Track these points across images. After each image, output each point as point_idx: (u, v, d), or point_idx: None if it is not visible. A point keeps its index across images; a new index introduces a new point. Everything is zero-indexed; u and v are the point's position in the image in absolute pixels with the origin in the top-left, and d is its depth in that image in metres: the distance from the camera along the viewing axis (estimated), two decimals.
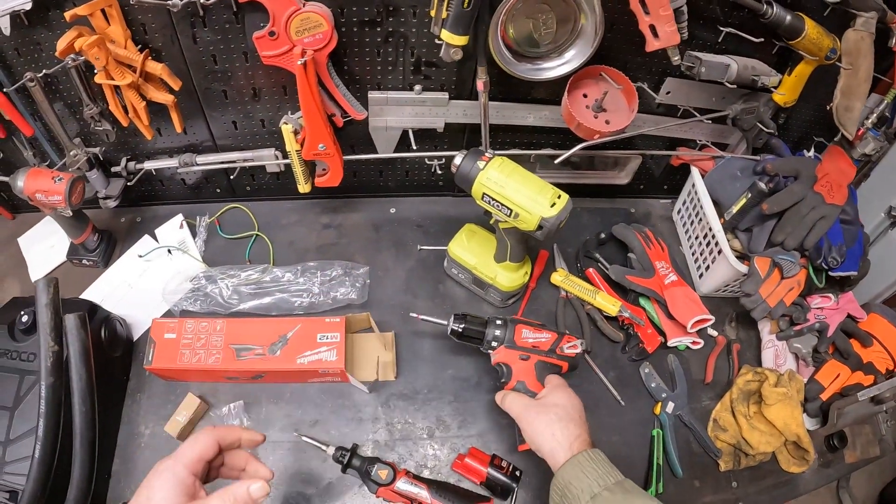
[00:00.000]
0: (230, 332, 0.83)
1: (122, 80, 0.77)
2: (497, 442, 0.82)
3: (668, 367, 0.91)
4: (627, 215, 1.07)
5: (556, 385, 0.72)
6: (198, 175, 0.98)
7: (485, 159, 0.75)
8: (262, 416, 0.84)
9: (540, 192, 0.73)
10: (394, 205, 1.03)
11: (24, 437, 0.77)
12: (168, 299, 0.90)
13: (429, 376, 0.86)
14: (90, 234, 0.94)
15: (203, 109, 0.86)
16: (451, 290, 0.95)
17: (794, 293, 0.90)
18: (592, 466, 0.60)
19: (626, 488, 0.59)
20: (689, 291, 0.93)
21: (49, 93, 0.83)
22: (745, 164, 0.95)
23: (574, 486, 0.59)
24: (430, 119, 0.86)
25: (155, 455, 0.82)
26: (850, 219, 0.94)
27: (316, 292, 0.88)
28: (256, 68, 0.80)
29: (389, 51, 0.79)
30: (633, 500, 0.57)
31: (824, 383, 0.92)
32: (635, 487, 0.60)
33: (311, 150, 0.83)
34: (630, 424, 0.87)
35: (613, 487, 0.58)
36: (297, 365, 0.80)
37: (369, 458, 0.78)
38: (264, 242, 0.98)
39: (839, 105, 0.89)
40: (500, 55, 0.76)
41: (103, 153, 0.93)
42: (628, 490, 0.59)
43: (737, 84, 0.85)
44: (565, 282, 0.93)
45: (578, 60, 0.78)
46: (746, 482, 0.87)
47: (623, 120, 0.84)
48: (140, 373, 0.88)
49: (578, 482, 0.59)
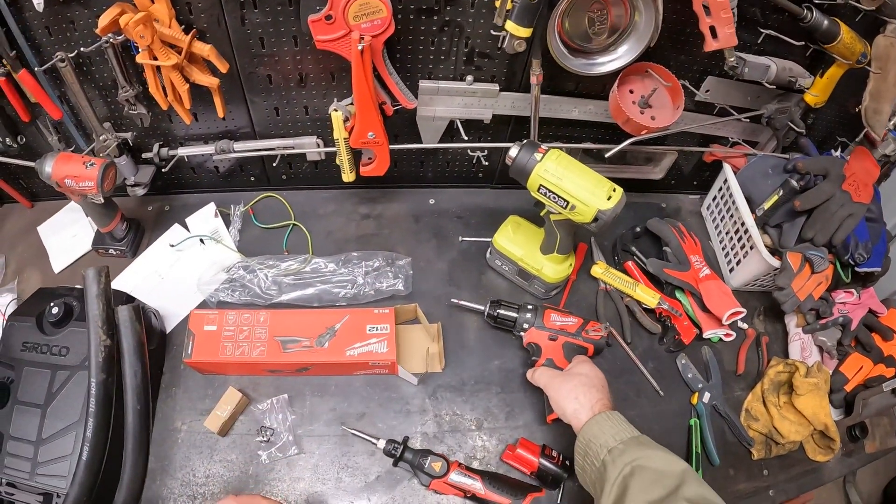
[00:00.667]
0: (274, 324, 0.81)
1: (166, 60, 0.75)
2: (545, 432, 0.83)
3: (703, 358, 0.93)
4: (659, 210, 1.09)
5: (581, 360, 0.78)
6: (231, 163, 0.95)
7: (542, 151, 0.75)
8: (307, 409, 0.82)
9: (597, 185, 0.74)
10: (433, 196, 1.02)
11: (57, 437, 0.74)
12: (203, 290, 0.88)
13: (475, 367, 0.86)
14: (119, 223, 0.91)
15: (245, 94, 0.84)
16: (494, 281, 0.95)
17: (822, 288, 0.93)
18: (610, 424, 0.65)
19: (641, 441, 0.63)
20: (722, 285, 0.95)
21: (80, 74, 0.80)
22: (776, 161, 0.98)
23: (594, 443, 0.63)
24: (479, 110, 0.86)
25: (193, 452, 0.79)
26: (874, 217, 0.98)
27: (360, 283, 0.86)
28: (306, 53, 0.79)
29: (444, 40, 0.78)
30: (644, 451, 0.61)
31: (848, 375, 0.96)
32: (649, 441, 0.64)
33: (361, 137, 0.81)
34: (669, 414, 0.88)
35: (628, 441, 0.62)
36: (346, 357, 0.79)
37: (421, 451, 0.77)
38: (301, 232, 0.96)
39: (868, 107, 0.92)
40: (555, 48, 0.76)
41: (133, 139, 0.89)
42: (642, 443, 0.63)
43: (775, 85, 0.87)
44: (606, 274, 0.94)
45: (630, 56, 0.79)
46: (777, 471, 0.90)
47: (668, 117, 0.85)
48: (175, 366, 0.85)
49: (597, 439, 0.63)
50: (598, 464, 0.62)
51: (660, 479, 0.58)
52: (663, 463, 0.59)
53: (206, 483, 0.78)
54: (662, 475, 0.58)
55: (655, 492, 0.56)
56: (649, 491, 0.57)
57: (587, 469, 0.64)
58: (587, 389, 0.70)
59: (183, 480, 0.78)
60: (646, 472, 0.58)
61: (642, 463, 0.59)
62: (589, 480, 0.65)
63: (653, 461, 0.59)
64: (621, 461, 0.60)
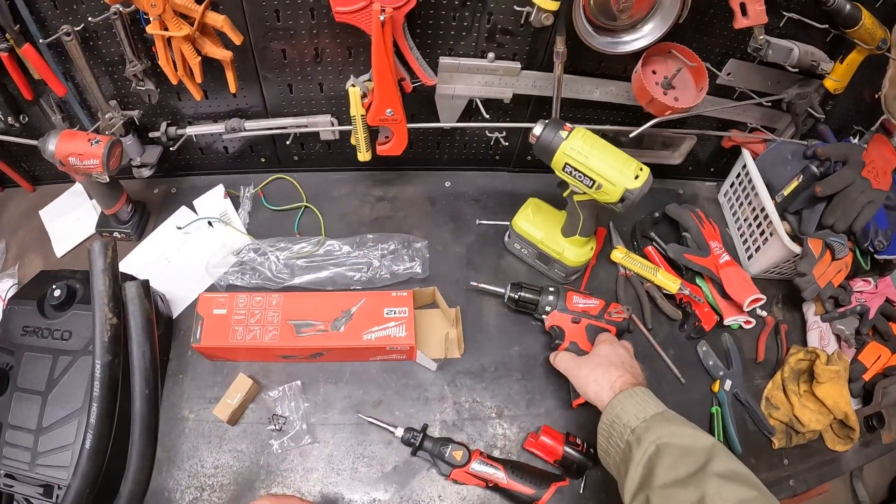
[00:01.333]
0: (287, 308, 0.78)
1: (178, 31, 0.71)
2: (567, 419, 0.81)
3: (724, 345, 0.92)
4: (676, 196, 1.08)
5: (602, 339, 0.76)
6: (241, 143, 0.92)
7: (567, 129, 0.73)
8: (321, 397, 0.79)
9: (625, 164, 0.72)
10: (448, 178, 1.00)
11: (58, 426, 0.71)
12: (212, 273, 0.85)
13: (495, 353, 0.84)
14: (124, 204, 0.87)
15: (257, 70, 0.81)
16: (512, 265, 0.93)
17: (842, 275, 0.92)
18: (633, 401, 0.62)
19: (666, 417, 0.61)
20: (742, 272, 0.94)
21: (86, 49, 0.76)
22: (796, 148, 0.97)
23: (617, 423, 0.61)
24: (499, 89, 0.84)
25: (201, 441, 0.76)
26: (893, 204, 0.97)
27: (376, 266, 0.84)
28: (322, 27, 0.76)
29: (466, 15, 0.76)
30: (668, 427, 0.58)
31: (866, 364, 0.94)
32: (674, 416, 0.61)
33: (378, 115, 0.79)
34: (691, 402, 0.86)
35: (651, 419, 0.60)
36: (363, 342, 0.76)
37: (441, 440, 0.75)
38: (314, 215, 0.93)
39: (888, 94, 0.91)
40: (580, 25, 0.74)
41: (140, 117, 0.86)
42: (667, 419, 0.60)
43: (797, 68, 0.86)
44: (626, 259, 0.92)
45: (656, 34, 0.78)
46: (797, 460, 0.89)
47: (691, 98, 0.83)
48: (182, 353, 0.82)
49: (620, 419, 0.61)
50: (622, 445, 0.60)
51: (687, 455, 0.55)
52: (690, 439, 0.57)
53: (214, 474, 0.75)
54: (689, 451, 0.55)
55: (683, 468, 0.54)
56: (676, 468, 0.54)
57: (611, 452, 0.62)
58: (605, 369, 0.68)
59: (190, 471, 0.74)
60: (672, 450, 0.56)
61: (668, 440, 0.56)
62: (612, 463, 0.62)
63: (679, 437, 0.57)
64: (646, 440, 0.57)
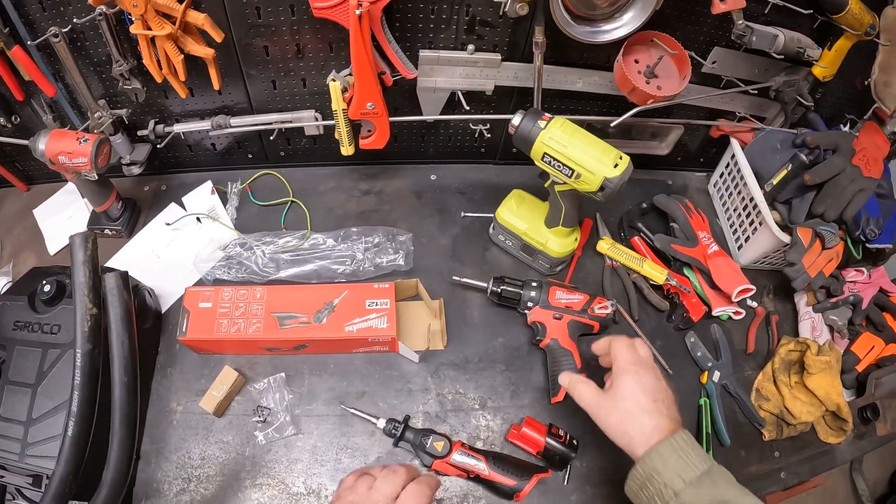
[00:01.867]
0: (271, 300, 0.79)
1: (160, 30, 0.73)
2: (550, 411, 0.80)
3: (712, 336, 0.91)
4: (666, 187, 1.07)
5: (621, 370, 0.63)
6: (229, 140, 0.93)
7: (546, 119, 0.73)
8: (305, 389, 0.80)
9: (603, 153, 0.72)
10: (434, 171, 1.01)
11: (47, 417, 0.72)
12: (199, 268, 0.86)
13: (479, 345, 0.84)
14: (114, 202, 0.89)
15: (241, 67, 0.82)
16: (497, 257, 0.93)
17: (833, 264, 0.91)
18: (676, 457, 0.55)
19: (714, 479, 0.53)
20: (731, 262, 0.93)
21: (73, 49, 0.78)
22: (785, 136, 0.96)
23: (656, 479, 0.55)
24: (481, 81, 0.84)
25: (188, 433, 0.77)
26: (885, 193, 0.95)
27: (360, 258, 0.84)
28: (303, 23, 0.77)
29: (444, 7, 0.76)
30: (722, 495, 0.52)
31: (860, 355, 0.93)
32: (723, 475, 0.55)
33: (360, 108, 0.79)
34: (678, 393, 0.82)
35: (699, 480, 0.53)
36: (345, 333, 0.76)
37: (423, 430, 0.75)
38: (300, 209, 0.94)
39: (878, 80, 0.90)
40: (558, 15, 0.74)
41: (129, 116, 0.88)
42: (715, 481, 0.53)
43: (783, 55, 0.85)
44: (612, 250, 0.92)
45: (636, 23, 0.77)
46: (788, 452, 0.88)
47: (674, 86, 0.83)
48: (170, 346, 0.83)
49: (660, 476, 0.54)
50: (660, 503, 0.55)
51: None
52: None
53: (201, 465, 0.75)
54: None
55: None
56: None
57: (643, 501, 0.57)
58: (636, 418, 0.59)
59: (178, 462, 0.75)
60: None
61: None
62: None
63: None
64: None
